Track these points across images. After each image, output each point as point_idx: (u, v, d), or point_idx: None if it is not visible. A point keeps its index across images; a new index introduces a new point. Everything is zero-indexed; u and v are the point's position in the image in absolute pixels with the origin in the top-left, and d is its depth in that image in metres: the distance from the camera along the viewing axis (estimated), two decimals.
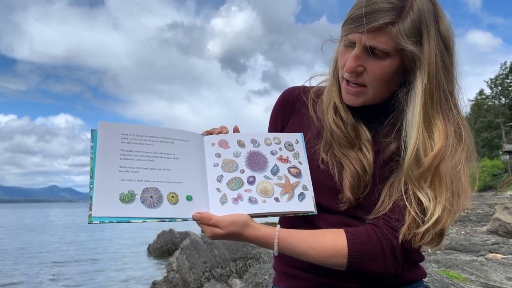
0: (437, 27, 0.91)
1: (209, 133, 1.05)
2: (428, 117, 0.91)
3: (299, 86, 1.18)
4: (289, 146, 1.06)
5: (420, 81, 0.90)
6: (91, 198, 0.87)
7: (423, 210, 0.91)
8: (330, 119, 1.03)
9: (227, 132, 1.05)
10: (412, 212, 0.91)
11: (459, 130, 0.94)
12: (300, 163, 1.04)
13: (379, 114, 1.03)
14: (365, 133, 1.02)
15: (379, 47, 0.89)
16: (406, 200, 0.92)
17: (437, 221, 0.89)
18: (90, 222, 0.85)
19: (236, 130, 1.06)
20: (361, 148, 1.01)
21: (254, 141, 1.04)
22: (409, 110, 0.93)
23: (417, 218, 0.91)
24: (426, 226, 0.89)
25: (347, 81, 0.98)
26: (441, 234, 0.93)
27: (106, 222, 0.86)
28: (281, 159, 1.03)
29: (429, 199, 0.90)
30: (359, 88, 0.97)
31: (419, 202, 0.91)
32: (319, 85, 1.14)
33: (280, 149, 1.05)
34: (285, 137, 1.07)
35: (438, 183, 0.91)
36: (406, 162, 0.92)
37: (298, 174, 1.02)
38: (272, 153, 1.04)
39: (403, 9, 0.88)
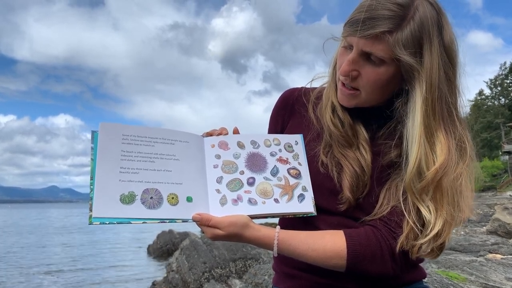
0: (440, 38, 0.89)
1: (209, 134, 1.05)
2: (430, 130, 0.89)
3: (299, 88, 1.17)
4: (288, 148, 1.06)
5: (419, 92, 0.88)
6: (91, 199, 0.87)
7: (422, 222, 0.90)
8: (328, 119, 1.03)
9: (227, 134, 1.05)
10: (411, 222, 0.90)
11: (462, 144, 0.93)
12: (299, 164, 1.04)
13: (377, 117, 1.03)
14: (363, 133, 1.02)
15: (375, 54, 0.88)
16: (405, 209, 0.92)
17: (437, 235, 0.88)
18: (90, 223, 0.85)
19: (236, 131, 1.06)
20: (359, 148, 1.01)
21: (253, 143, 1.04)
22: (409, 121, 0.91)
23: (416, 229, 0.90)
24: (426, 238, 0.89)
25: (343, 82, 0.97)
26: (441, 247, 0.92)
27: (106, 223, 0.86)
28: (280, 160, 1.03)
29: (430, 212, 0.89)
30: (353, 91, 0.96)
31: (419, 213, 0.91)
32: (320, 87, 1.14)
33: (280, 150, 1.05)
34: (284, 138, 1.07)
35: (440, 196, 0.90)
36: (407, 174, 0.90)
37: (297, 175, 1.02)
38: (272, 154, 1.04)
39: (404, 18, 0.86)
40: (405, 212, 0.91)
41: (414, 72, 0.88)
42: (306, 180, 1.02)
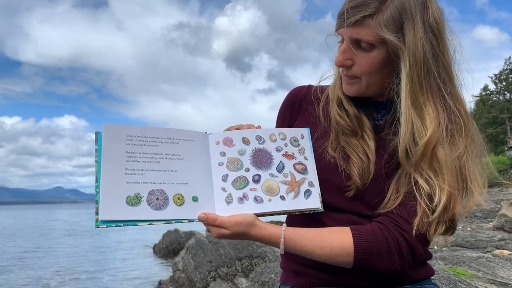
0: (424, 16, 0.91)
1: (236, 129, 1.06)
2: (419, 104, 0.92)
3: (307, 86, 1.19)
4: (294, 142, 1.05)
5: (404, 70, 0.92)
6: (97, 202, 0.86)
7: (431, 200, 0.91)
8: (334, 111, 1.06)
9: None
10: (423, 204, 0.91)
11: (456, 119, 0.95)
12: (306, 158, 1.03)
13: (382, 111, 1.05)
14: (367, 123, 1.04)
15: (363, 39, 0.92)
16: (416, 192, 0.93)
17: (445, 209, 0.90)
18: (97, 227, 0.85)
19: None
20: (363, 136, 1.03)
21: (259, 138, 1.03)
22: (401, 99, 0.94)
23: (427, 210, 0.91)
24: (436, 214, 0.90)
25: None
26: (453, 222, 0.94)
27: (113, 226, 0.85)
28: (286, 155, 1.03)
29: (431, 186, 0.91)
30: (353, 79, 1.00)
31: (429, 194, 0.92)
32: (327, 85, 1.15)
33: (286, 145, 1.04)
34: (290, 132, 1.06)
35: (439, 169, 0.91)
36: (400, 148, 0.93)
37: (304, 171, 1.02)
38: (278, 150, 1.03)
39: (384, 1, 0.90)
40: (417, 195, 0.93)
41: (398, 50, 0.91)
42: (312, 175, 1.01)
